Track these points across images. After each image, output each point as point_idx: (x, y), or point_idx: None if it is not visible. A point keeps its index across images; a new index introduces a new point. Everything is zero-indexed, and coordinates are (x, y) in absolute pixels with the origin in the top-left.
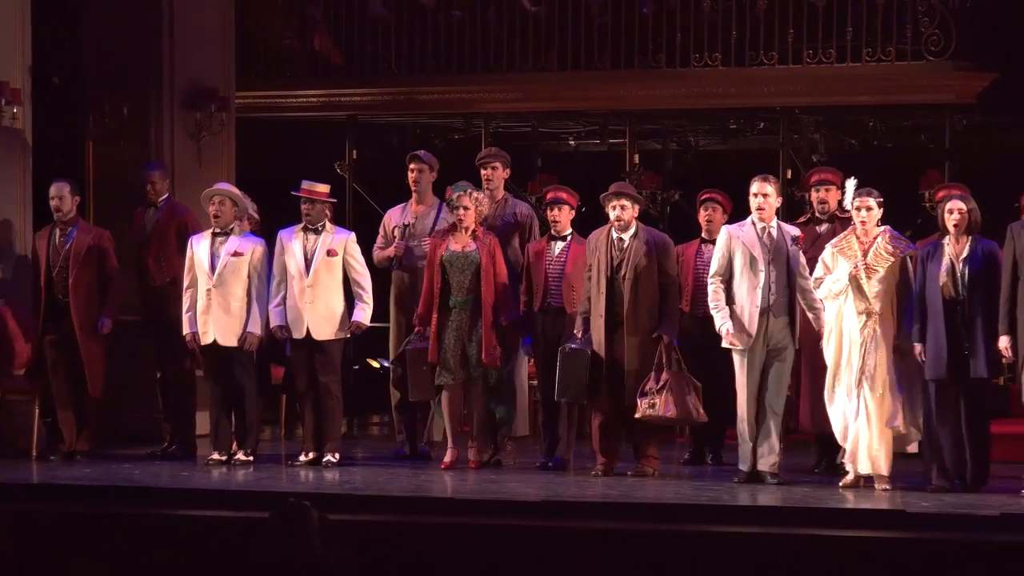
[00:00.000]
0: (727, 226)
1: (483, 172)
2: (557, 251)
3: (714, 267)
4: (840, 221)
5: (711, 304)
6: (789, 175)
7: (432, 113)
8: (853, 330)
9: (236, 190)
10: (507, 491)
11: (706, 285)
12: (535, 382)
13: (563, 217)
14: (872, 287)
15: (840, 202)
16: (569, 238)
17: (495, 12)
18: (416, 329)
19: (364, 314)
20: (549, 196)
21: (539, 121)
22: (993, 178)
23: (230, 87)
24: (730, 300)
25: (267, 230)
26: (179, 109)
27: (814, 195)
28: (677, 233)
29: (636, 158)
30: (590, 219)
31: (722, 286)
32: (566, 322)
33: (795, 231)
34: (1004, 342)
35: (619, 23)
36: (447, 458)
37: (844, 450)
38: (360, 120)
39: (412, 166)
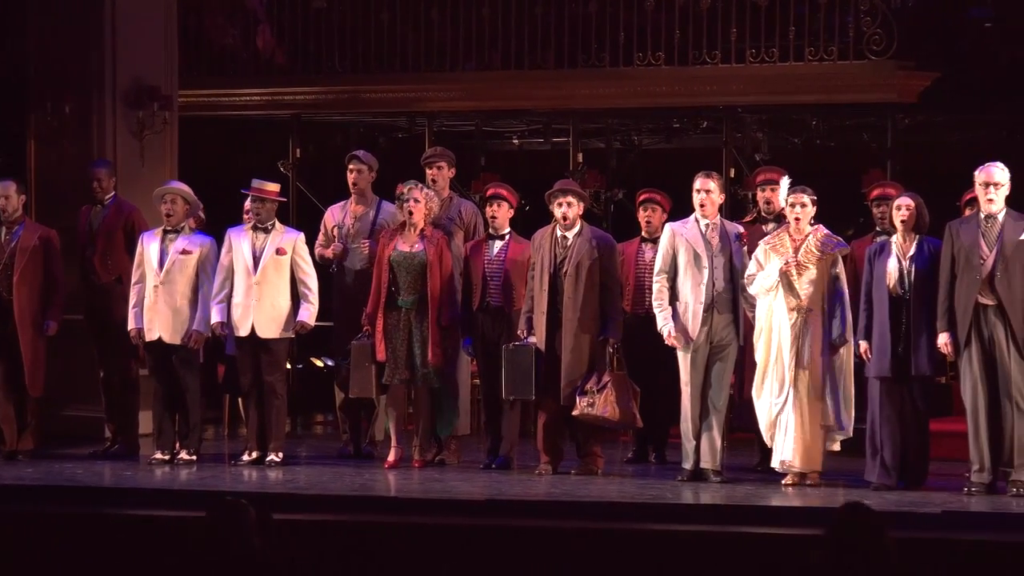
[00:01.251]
0: (671, 224)
1: (428, 172)
2: (495, 250)
3: (658, 265)
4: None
5: (654, 303)
6: (732, 174)
7: (376, 112)
8: (784, 327)
9: (188, 188)
10: (451, 490)
11: (647, 284)
12: (477, 381)
13: (501, 214)
14: (803, 284)
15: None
16: (507, 236)
17: (438, 12)
18: (364, 328)
19: (309, 314)
20: (488, 192)
21: (483, 120)
22: (935, 177)
23: (173, 86)
24: (674, 297)
25: (210, 230)
26: (122, 108)
27: (760, 195)
28: (621, 232)
29: (580, 157)
30: (533, 218)
31: (667, 284)
32: (505, 321)
33: (739, 228)
34: (943, 339)
35: (562, 22)
36: (391, 457)
37: (775, 452)
38: (303, 119)
39: (351, 166)
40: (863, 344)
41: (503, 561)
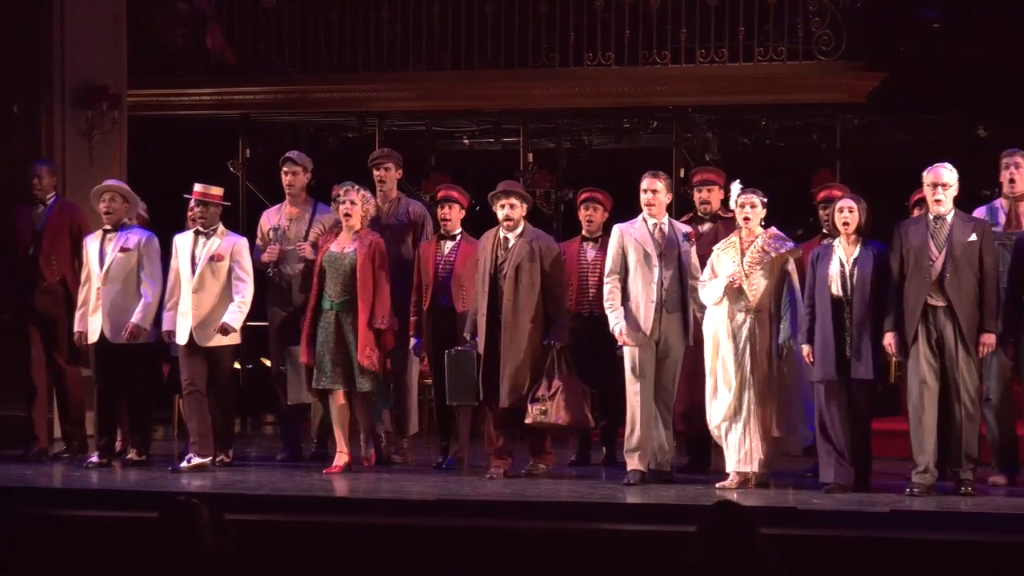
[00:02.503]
0: (619, 224)
1: (376, 173)
2: (447, 250)
3: (609, 265)
4: (723, 221)
5: (606, 303)
6: (682, 174)
7: (326, 112)
8: (734, 330)
9: (126, 186)
10: (402, 490)
11: (589, 284)
12: (429, 381)
13: (453, 216)
14: (752, 287)
15: (723, 201)
16: (459, 237)
17: (388, 11)
18: (302, 334)
19: (235, 316)
20: (440, 195)
21: (433, 120)
22: (884, 177)
23: (122, 85)
24: (625, 297)
25: (161, 229)
26: (70, 107)
27: (696, 195)
28: (571, 232)
29: (530, 157)
30: (485, 218)
31: (618, 285)
32: (456, 321)
33: (687, 228)
34: (889, 339)
35: (513, 22)
36: (337, 462)
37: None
38: (253, 119)
39: (285, 168)
40: (806, 348)
41: (454, 561)
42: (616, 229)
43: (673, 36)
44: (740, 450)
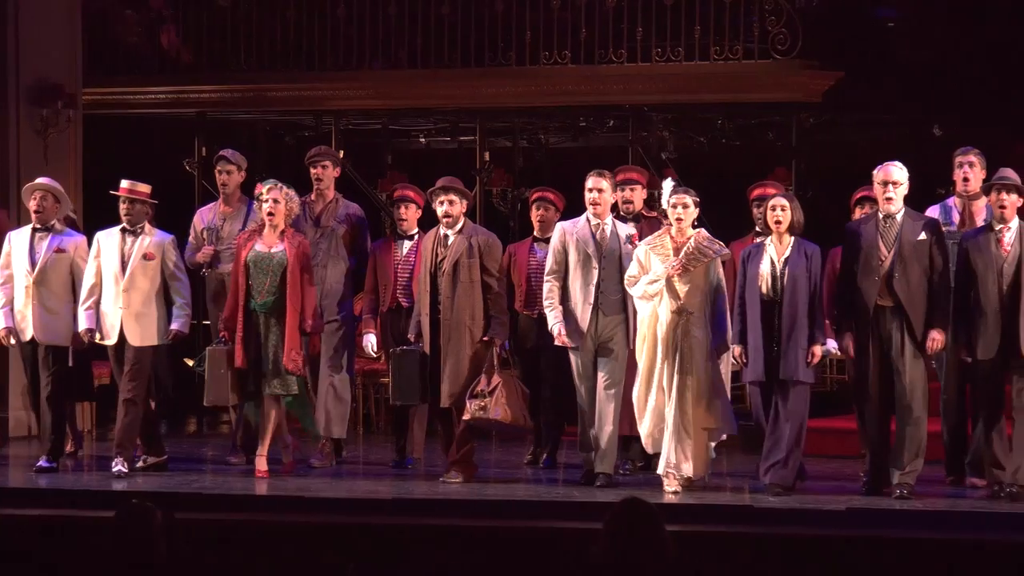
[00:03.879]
0: (561, 223)
1: (313, 171)
2: (405, 250)
3: (549, 264)
4: (646, 220)
5: (545, 303)
6: None
7: (282, 110)
8: (667, 331)
9: (58, 185)
10: (356, 489)
11: (539, 286)
12: (386, 380)
13: (410, 215)
14: (685, 287)
15: (646, 201)
16: (416, 237)
17: (345, 10)
18: (221, 334)
19: (182, 322)
20: (396, 194)
21: (389, 118)
22: (839, 175)
23: (77, 84)
24: (566, 298)
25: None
26: (25, 106)
27: (619, 194)
28: (528, 231)
29: (487, 155)
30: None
31: (557, 284)
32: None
33: (630, 229)
34: (846, 340)
35: (469, 21)
36: (260, 466)
37: (662, 458)
38: (209, 117)
39: (219, 167)
40: (736, 348)
41: (407, 559)
42: (559, 228)
43: (629, 35)
44: (678, 452)
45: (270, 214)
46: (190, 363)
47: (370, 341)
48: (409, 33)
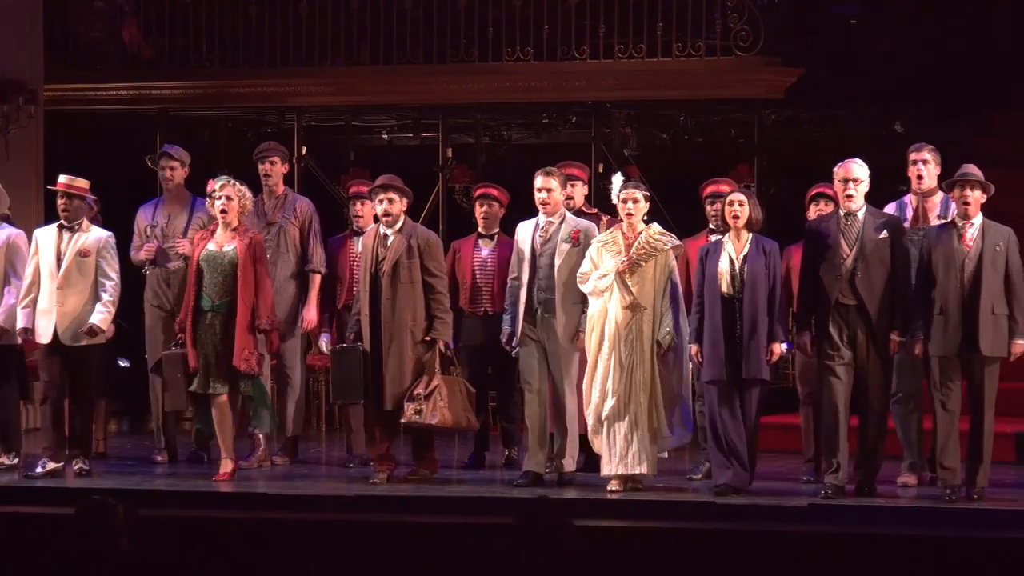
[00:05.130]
0: (522, 223)
1: (261, 167)
2: (361, 247)
3: (512, 264)
4: (587, 217)
5: (506, 303)
6: (601, 169)
7: (244, 106)
8: (618, 327)
9: None
10: (320, 486)
11: (483, 283)
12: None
13: (366, 212)
14: (635, 283)
15: (587, 197)
16: None
17: (307, 5)
18: (177, 335)
19: (102, 317)
20: (351, 191)
21: (352, 115)
22: (800, 172)
23: (38, 80)
24: (519, 298)
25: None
26: None
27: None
28: None
29: (449, 152)
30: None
31: (515, 285)
32: None
33: (585, 224)
34: (805, 339)
35: (432, 17)
36: (224, 468)
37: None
38: (171, 113)
39: (162, 163)
40: (693, 347)
41: (363, 556)
42: (519, 228)
43: (592, 32)
44: (628, 452)
45: (223, 211)
46: (123, 364)
47: (324, 340)
48: (371, 29)
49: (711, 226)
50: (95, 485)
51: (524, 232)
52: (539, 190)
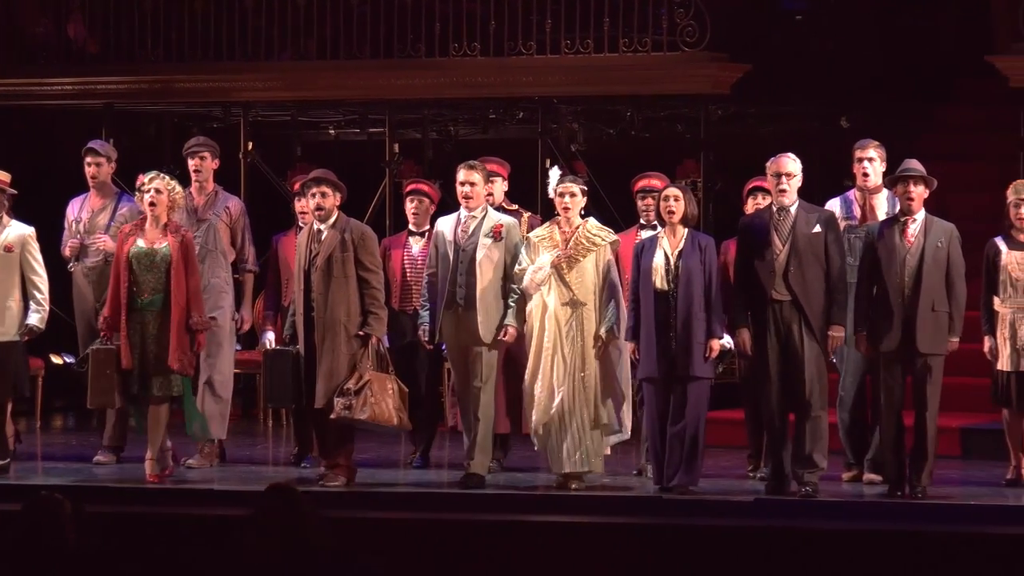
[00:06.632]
0: (441, 218)
1: (191, 162)
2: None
3: (430, 258)
4: (508, 213)
5: (420, 300)
6: (548, 164)
7: (190, 102)
8: (558, 322)
9: None
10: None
11: (414, 280)
12: None
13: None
14: (574, 278)
15: (507, 193)
16: None
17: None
18: (103, 334)
19: (39, 317)
20: (296, 187)
21: (298, 110)
22: (747, 167)
23: None
24: (437, 295)
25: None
26: None
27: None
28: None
29: (396, 147)
30: (347, 209)
31: (432, 281)
32: None
33: (495, 222)
34: (743, 336)
35: (378, 12)
36: (149, 470)
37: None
38: (116, 109)
39: (88, 159)
40: (630, 345)
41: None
42: (437, 223)
43: (539, 27)
44: (576, 451)
45: (152, 204)
46: (58, 361)
47: (268, 338)
48: (318, 24)
49: (642, 221)
50: (41, 482)
51: (444, 226)
52: (462, 184)
